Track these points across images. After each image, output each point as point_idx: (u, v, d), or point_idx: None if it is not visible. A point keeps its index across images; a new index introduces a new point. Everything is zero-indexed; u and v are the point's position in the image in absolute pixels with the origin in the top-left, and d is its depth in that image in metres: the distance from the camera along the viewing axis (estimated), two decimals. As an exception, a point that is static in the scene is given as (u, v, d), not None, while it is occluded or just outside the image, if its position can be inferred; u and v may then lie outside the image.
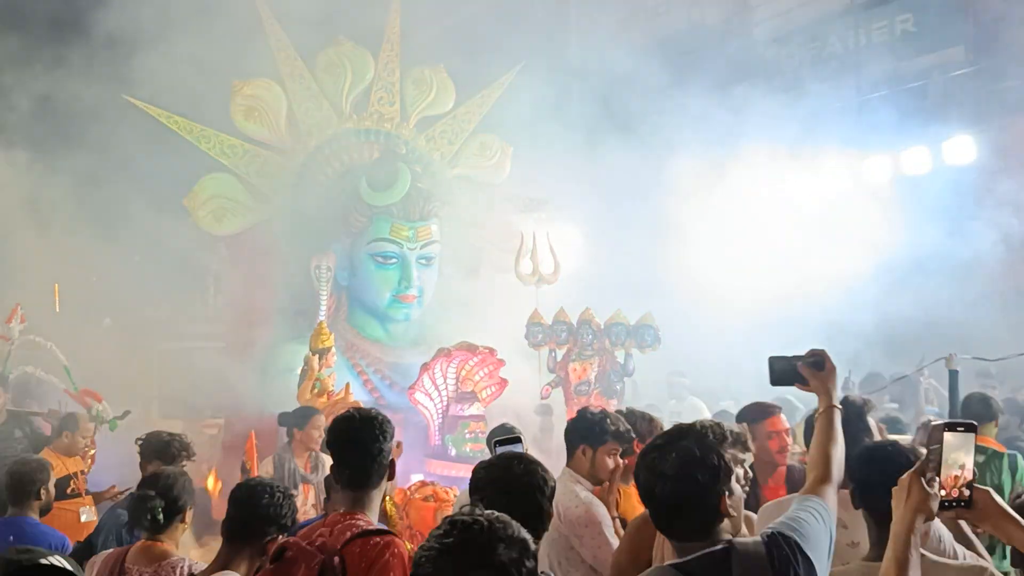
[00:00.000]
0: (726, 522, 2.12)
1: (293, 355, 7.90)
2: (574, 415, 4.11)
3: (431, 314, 9.07)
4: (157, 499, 3.47)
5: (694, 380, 10.00)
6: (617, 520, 3.69)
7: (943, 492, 2.06)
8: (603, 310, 8.61)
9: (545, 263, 9.20)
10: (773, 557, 2.06)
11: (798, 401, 8.37)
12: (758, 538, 2.12)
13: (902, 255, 11.07)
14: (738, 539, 2.12)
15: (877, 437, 2.91)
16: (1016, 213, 10.65)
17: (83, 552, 3.95)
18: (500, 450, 3.03)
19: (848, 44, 13.13)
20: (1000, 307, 11.04)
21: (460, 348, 7.96)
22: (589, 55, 14.87)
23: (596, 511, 3.60)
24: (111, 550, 3.66)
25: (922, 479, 2.06)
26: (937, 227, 10.33)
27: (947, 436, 2.06)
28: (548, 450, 5.60)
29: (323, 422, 6.31)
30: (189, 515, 3.58)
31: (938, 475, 2.05)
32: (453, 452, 7.54)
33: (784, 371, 2.58)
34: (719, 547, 2.07)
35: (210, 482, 6.87)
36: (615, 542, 3.48)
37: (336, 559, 2.66)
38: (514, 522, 1.76)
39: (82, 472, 6.45)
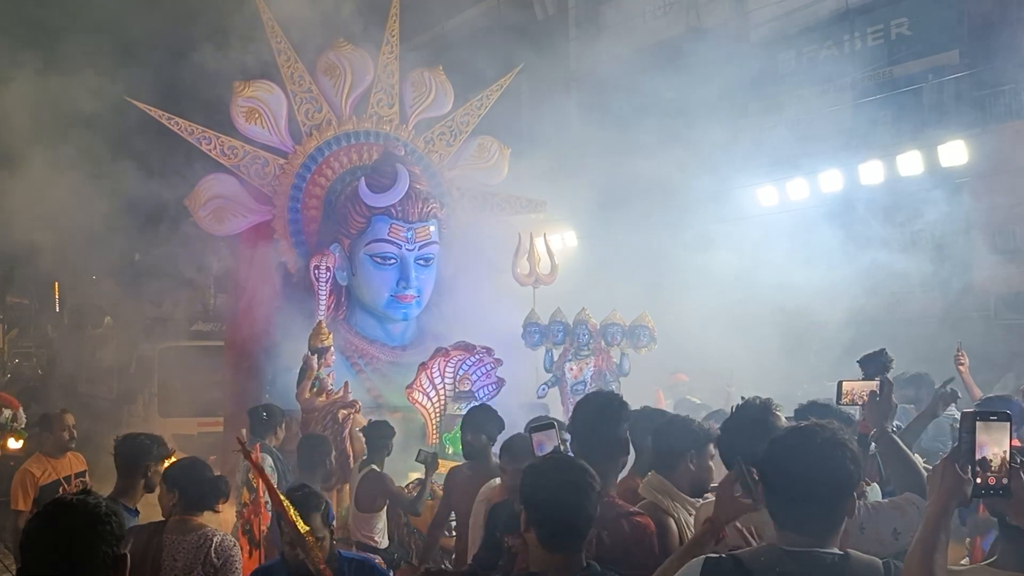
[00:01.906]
0: None
1: (292, 354, 7.97)
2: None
3: (429, 314, 9.14)
4: (191, 482, 4.06)
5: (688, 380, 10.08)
6: None
7: (977, 480, 2.07)
8: (599, 310, 8.69)
9: (542, 264, 9.27)
10: None
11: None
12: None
13: (894, 260, 11.15)
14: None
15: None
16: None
17: None
18: (535, 436, 3.21)
19: (843, 48, 13.20)
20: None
21: (458, 348, 8.03)
22: (587, 58, 14.95)
23: None
24: (148, 522, 4.13)
25: (956, 465, 2.08)
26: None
27: (979, 424, 2.08)
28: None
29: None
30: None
31: (971, 462, 2.07)
32: (451, 451, 7.61)
33: None
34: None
35: None
36: None
37: None
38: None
39: (77, 475, 6.12)
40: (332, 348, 7.59)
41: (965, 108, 11.37)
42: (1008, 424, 2.08)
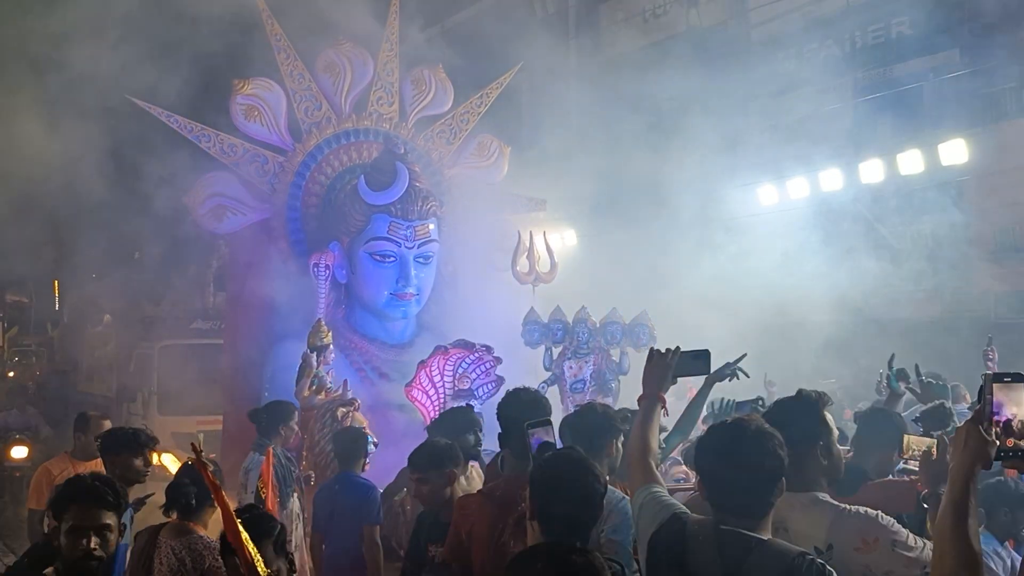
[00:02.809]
0: None
1: (291, 352, 7.96)
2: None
3: (429, 312, 9.14)
4: (191, 486, 4.01)
5: (685, 379, 10.06)
6: None
7: (997, 442, 2.10)
8: (599, 309, 8.68)
9: (542, 262, 9.27)
10: None
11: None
12: None
13: (894, 259, 11.15)
14: None
15: (835, 432, 2.99)
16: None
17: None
18: (532, 432, 3.27)
19: (844, 47, 13.19)
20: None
21: (457, 346, 8.02)
22: (587, 57, 14.94)
23: None
24: (149, 526, 4.19)
25: (980, 427, 2.10)
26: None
27: (996, 387, 2.12)
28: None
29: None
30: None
31: (991, 424, 2.10)
32: (449, 449, 7.60)
33: None
34: None
35: None
36: None
37: None
38: None
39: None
40: (331, 346, 7.59)
41: (966, 107, 11.36)
42: (1023, 384, 2.12)
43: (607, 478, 2.98)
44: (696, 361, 3.26)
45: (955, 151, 10.43)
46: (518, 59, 10.56)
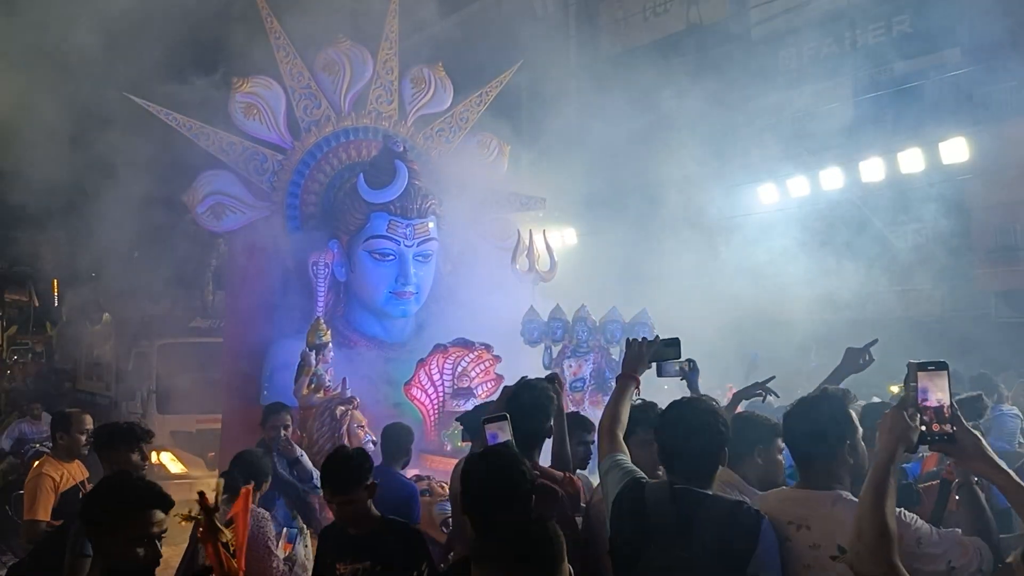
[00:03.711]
0: None
1: (290, 351, 7.95)
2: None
3: (428, 311, 9.12)
4: (239, 475, 4.36)
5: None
6: None
7: (923, 428, 2.20)
8: (598, 307, 8.67)
9: (542, 261, 9.25)
10: None
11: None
12: None
13: (895, 258, 11.13)
14: None
15: (860, 430, 2.96)
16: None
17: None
18: (488, 427, 3.52)
19: (844, 45, 13.17)
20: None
21: (456, 345, 8.01)
22: (587, 54, 14.91)
23: None
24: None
25: (904, 413, 2.19)
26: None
27: (921, 375, 2.21)
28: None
29: (284, 419, 6.37)
30: (264, 487, 4.57)
31: (918, 411, 2.19)
32: (449, 447, 7.60)
33: None
34: None
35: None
36: None
37: None
38: None
39: (90, 481, 5.46)
40: (330, 345, 7.57)
41: (966, 105, 11.34)
42: (946, 372, 2.22)
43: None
44: (668, 348, 3.73)
45: (956, 150, 10.41)
46: (518, 57, 10.54)
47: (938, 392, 2.21)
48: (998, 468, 2.28)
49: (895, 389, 4.64)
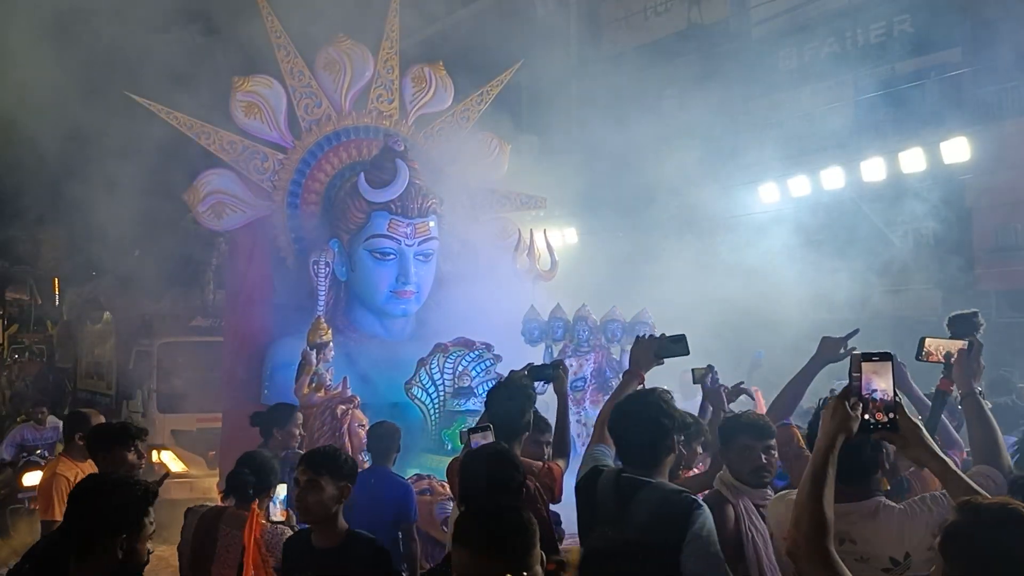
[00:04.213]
0: None
1: (291, 350, 7.94)
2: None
3: (428, 310, 9.11)
4: (250, 474, 4.16)
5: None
6: None
7: (865, 416, 2.25)
8: (599, 307, 8.66)
9: (542, 260, 9.24)
10: None
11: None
12: None
13: (896, 257, 11.12)
14: None
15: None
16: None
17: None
18: (472, 437, 3.65)
19: (845, 45, 13.16)
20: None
21: (457, 343, 8.00)
22: (588, 54, 14.91)
23: None
24: (209, 507, 4.32)
25: (846, 403, 2.23)
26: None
27: (865, 366, 2.24)
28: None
29: (301, 418, 6.39)
30: (275, 491, 4.32)
31: (860, 400, 2.24)
32: (449, 447, 7.59)
33: None
34: None
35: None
36: None
37: None
38: None
39: None
40: (331, 344, 7.57)
41: (967, 105, 11.34)
42: (890, 363, 2.25)
43: None
44: (676, 344, 3.79)
45: (957, 149, 10.40)
46: (519, 56, 10.54)
47: (882, 382, 2.25)
48: (937, 456, 2.35)
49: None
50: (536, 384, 4.26)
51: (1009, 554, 1.80)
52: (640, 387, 3.69)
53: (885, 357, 2.26)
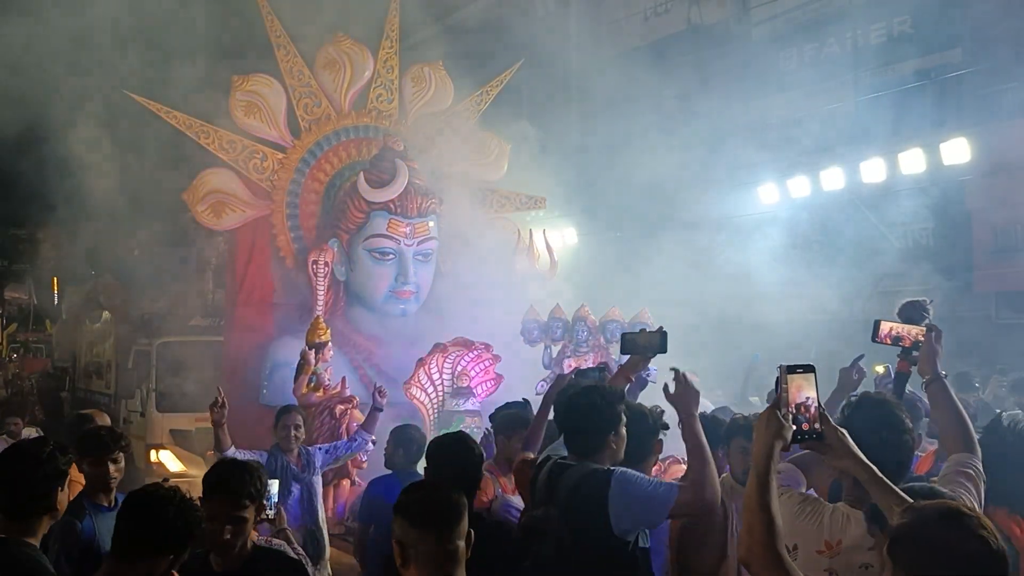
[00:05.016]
0: None
1: (290, 349, 7.94)
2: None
3: (427, 310, 9.11)
4: None
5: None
6: None
7: (795, 426, 2.33)
8: (598, 307, 8.66)
9: (541, 260, 9.24)
10: None
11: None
12: None
13: (895, 258, 11.11)
14: None
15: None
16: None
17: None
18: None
19: (845, 45, 13.15)
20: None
21: (456, 344, 8.01)
22: (588, 55, 14.89)
23: None
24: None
25: (778, 412, 2.31)
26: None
27: (790, 378, 2.34)
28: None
29: (295, 420, 6.30)
30: (265, 512, 3.86)
31: (788, 410, 2.33)
32: (448, 447, 7.58)
33: None
34: None
35: None
36: None
37: None
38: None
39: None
40: (330, 343, 7.57)
41: (967, 106, 11.32)
42: (813, 375, 2.35)
43: None
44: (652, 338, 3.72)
45: (957, 150, 10.38)
46: (518, 56, 10.53)
47: (807, 393, 2.34)
48: (863, 464, 2.45)
49: (880, 369, 4.71)
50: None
51: (951, 552, 1.85)
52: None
53: (808, 369, 2.35)
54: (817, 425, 2.37)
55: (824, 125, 11.97)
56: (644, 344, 3.68)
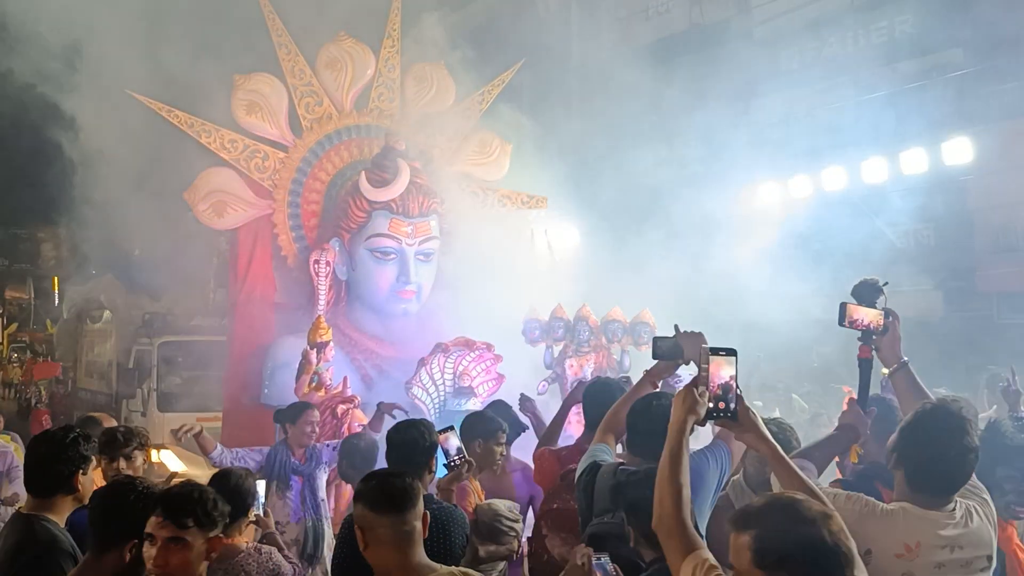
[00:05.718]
0: None
1: (291, 349, 7.94)
2: None
3: (429, 310, 9.10)
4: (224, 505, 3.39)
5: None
6: None
7: (711, 404, 2.50)
8: (600, 307, 8.65)
9: (543, 260, 9.23)
10: None
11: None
12: None
13: (896, 258, 11.09)
14: None
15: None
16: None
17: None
18: (440, 436, 3.92)
19: (847, 45, 13.15)
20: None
21: (457, 343, 8.00)
22: (589, 54, 14.90)
23: None
24: None
25: (695, 390, 2.49)
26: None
27: (713, 359, 2.50)
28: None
29: (316, 417, 6.35)
30: (252, 513, 3.99)
31: (708, 389, 2.50)
32: (450, 446, 7.57)
33: None
34: None
35: None
36: None
37: None
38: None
39: None
40: (331, 343, 7.56)
41: (969, 106, 11.31)
42: (734, 358, 2.51)
43: None
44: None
45: (958, 150, 10.38)
46: (520, 56, 10.52)
47: (727, 372, 2.50)
48: (767, 440, 2.60)
49: (885, 371, 4.73)
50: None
51: (785, 534, 1.98)
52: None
53: (731, 352, 2.52)
54: (732, 404, 2.51)
55: (825, 125, 11.97)
56: (674, 349, 3.59)
